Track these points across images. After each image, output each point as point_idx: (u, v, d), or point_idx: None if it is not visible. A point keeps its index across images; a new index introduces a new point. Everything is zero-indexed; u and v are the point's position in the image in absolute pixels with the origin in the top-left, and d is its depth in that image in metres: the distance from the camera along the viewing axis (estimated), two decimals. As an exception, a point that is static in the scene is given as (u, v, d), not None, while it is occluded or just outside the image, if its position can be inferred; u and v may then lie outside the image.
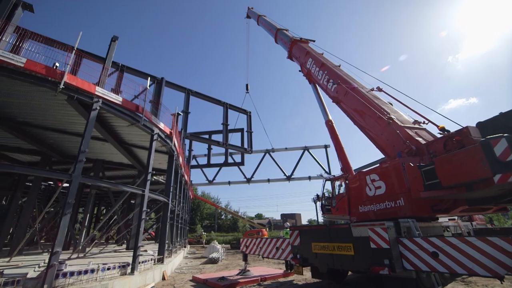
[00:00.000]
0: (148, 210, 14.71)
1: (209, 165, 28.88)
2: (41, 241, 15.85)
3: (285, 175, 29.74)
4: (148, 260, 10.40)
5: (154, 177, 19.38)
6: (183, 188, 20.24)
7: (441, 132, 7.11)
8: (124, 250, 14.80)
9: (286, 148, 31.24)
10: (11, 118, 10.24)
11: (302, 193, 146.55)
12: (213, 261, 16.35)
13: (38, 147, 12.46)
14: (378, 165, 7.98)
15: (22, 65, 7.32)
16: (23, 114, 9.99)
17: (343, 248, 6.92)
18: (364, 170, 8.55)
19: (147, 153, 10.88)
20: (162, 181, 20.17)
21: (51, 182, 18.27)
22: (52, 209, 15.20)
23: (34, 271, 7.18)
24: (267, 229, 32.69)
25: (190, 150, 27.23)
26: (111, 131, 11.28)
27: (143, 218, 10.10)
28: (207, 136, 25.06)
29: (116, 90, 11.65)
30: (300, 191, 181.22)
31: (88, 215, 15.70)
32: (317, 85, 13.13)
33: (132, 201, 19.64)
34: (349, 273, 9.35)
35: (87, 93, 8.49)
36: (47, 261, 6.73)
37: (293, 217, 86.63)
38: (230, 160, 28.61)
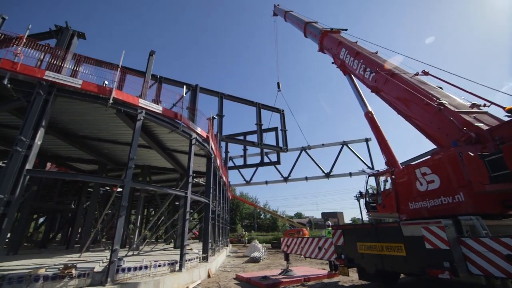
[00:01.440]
0: (191, 211, 15.55)
1: (245, 165, 29.38)
2: (103, 240, 17.86)
3: (323, 172, 28.76)
4: (194, 258, 10.97)
5: (195, 180, 20.43)
6: (222, 189, 20.92)
7: (509, 114, 6.08)
8: (172, 248, 15.86)
9: (323, 144, 30.16)
10: (74, 133, 11.76)
11: (343, 190, 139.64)
12: (255, 260, 16.56)
13: (95, 157, 14.10)
14: (429, 157, 7.19)
15: (80, 86, 8.36)
16: (82, 129, 11.39)
17: (392, 248, 6.41)
18: (413, 163, 7.77)
19: (187, 157, 11.51)
20: (202, 183, 21.13)
21: (108, 188, 20.54)
22: (110, 211, 17.05)
23: (99, 266, 8.10)
24: (308, 228, 31.94)
25: (226, 152, 28.03)
26: (154, 139, 12.20)
27: (187, 219, 10.69)
28: (242, 137, 25.55)
29: (156, 101, 12.56)
30: (341, 188, 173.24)
31: (139, 216, 17.25)
32: (352, 76, 12.40)
33: (177, 203, 20.96)
34: (402, 275, 8.59)
35: (132, 106, 9.31)
36: (108, 257, 7.55)
37: (335, 215, 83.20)
38: (266, 160, 28.70)
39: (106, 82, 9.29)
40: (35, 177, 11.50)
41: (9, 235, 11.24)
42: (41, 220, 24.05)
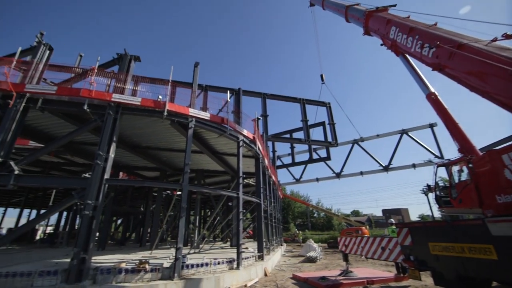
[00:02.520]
0: (244, 210, 16.03)
1: (294, 163, 28.95)
2: (168, 239, 19.81)
3: (381, 165, 26.25)
4: (250, 257, 11.24)
5: (245, 180, 21.01)
6: (272, 188, 21.02)
7: None
8: (229, 247, 16.61)
9: (377, 135, 27.54)
10: (138, 145, 13.36)
11: (407, 184, 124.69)
12: (311, 260, 16.11)
13: (157, 164, 15.75)
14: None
15: (139, 103, 9.43)
16: (144, 140, 12.85)
17: (477, 250, 5.42)
18: (496, 148, 6.43)
19: (236, 159, 11.90)
20: (253, 183, 21.61)
21: (169, 191, 22.73)
22: (172, 213, 18.84)
23: (167, 262, 8.97)
24: (367, 227, 29.63)
25: (273, 151, 28.09)
26: (205, 144, 12.99)
27: (241, 218, 11.05)
28: (288, 136, 25.27)
29: (204, 108, 13.37)
30: (403, 182, 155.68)
31: (197, 217, 18.58)
32: (407, 56, 10.98)
33: (230, 203, 21.94)
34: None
35: (183, 115, 10.10)
36: (174, 254, 8.31)
37: (399, 212, 75.22)
38: (315, 156, 27.81)
39: (160, 97, 10.27)
40: (112, 185, 13.41)
41: (97, 234, 13.40)
42: (119, 221, 28.12)
